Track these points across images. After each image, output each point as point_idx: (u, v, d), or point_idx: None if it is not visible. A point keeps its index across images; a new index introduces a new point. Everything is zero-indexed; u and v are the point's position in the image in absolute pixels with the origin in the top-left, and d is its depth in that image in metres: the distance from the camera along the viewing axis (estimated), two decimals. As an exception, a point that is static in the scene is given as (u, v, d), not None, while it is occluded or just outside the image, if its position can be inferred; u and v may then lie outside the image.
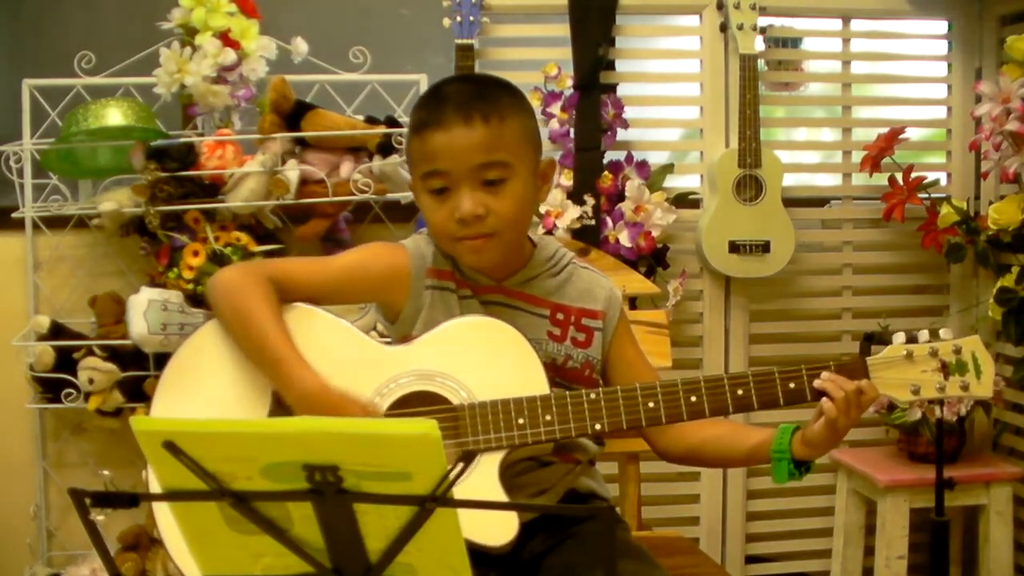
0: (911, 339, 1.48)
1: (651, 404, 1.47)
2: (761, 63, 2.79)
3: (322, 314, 1.51)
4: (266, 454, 0.95)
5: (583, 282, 1.61)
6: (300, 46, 2.60)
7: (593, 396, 1.47)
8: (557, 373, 1.54)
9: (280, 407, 1.46)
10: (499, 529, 1.36)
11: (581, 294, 1.59)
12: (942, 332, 1.49)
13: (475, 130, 1.46)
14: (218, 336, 1.51)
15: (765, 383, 1.47)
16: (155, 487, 1.00)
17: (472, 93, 1.49)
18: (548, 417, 1.45)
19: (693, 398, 1.47)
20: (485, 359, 1.47)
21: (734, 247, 2.74)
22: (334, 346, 1.49)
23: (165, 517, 1.40)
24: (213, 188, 2.50)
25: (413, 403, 1.46)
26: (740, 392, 1.47)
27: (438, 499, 0.94)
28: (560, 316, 1.57)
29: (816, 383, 1.45)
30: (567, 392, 1.48)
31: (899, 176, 2.78)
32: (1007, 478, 2.67)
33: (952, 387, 1.46)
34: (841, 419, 1.42)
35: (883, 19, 2.94)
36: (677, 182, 2.86)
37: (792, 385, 1.46)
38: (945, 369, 1.46)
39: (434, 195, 1.49)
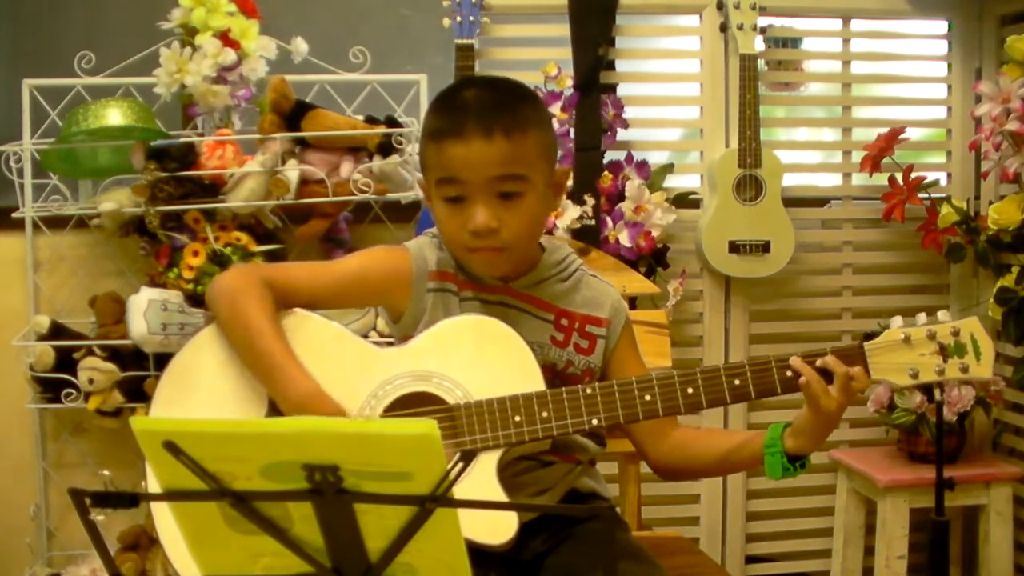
0: (909, 323, 1.44)
1: (647, 397, 1.45)
2: (761, 63, 2.79)
3: (316, 318, 1.51)
4: (266, 454, 0.95)
5: (591, 290, 1.59)
6: (300, 46, 2.60)
7: (589, 391, 1.46)
8: (557, 378, 1.53)
9: (276, 411, 1.46)
10: (498, 528, 1.35)
11: (588, 302, 1.58)
12: (940, 314, 1.46)
13: (495, 144, 1.43)
14: (218, 339, 1.51)
15: (761, 372, 1.45)
16: (154, 487, 1.00)
17: (494, 103, 1.46)
18: (545, 414, 1.44)
19: (690, 390, 1.45)
20: (480, 358, 1.47)
21: (734, 247, 2.74)
22: (329, 350, 1.49)
23: (163, 519, 1.39)
24: (213, 188, 2.50)
25: (410, 404, 1.46)
26: (737, 382, 1.45)
27: (438, 499, 0.94)
28: (564, 322, 1.56)
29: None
30: (563, 388, 1.47)
31: (899, 176, 2.78)
32: (1007, 478, 2.67)
33: (951, 369, 1.42)
34: (824, 399, 1.39)
35: (883, 19, 2.94)
36: (677, 182, 2.86)
37: (789, 373, 1.44)
38: (944, 351, 1.42)
39: (448, 202, 1.47)
